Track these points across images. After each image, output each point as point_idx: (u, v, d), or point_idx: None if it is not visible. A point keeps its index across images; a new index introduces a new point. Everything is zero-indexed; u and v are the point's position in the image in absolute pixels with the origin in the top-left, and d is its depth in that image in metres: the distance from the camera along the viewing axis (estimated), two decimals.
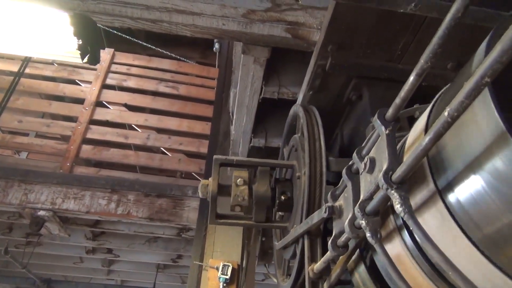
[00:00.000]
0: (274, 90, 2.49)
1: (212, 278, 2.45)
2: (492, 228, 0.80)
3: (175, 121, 4.87)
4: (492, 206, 0.78)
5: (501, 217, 0.78)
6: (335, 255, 1.24)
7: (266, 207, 2.01)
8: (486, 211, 0.80)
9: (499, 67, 0.58)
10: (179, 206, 4.04)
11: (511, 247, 0.79)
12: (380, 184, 0.88)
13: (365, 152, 1.12)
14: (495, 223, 0.79)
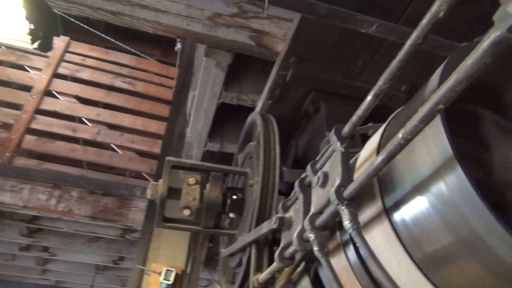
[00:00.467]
0: (233, 96, 2.48)
1: (153, 283, 2.37)
2: (432, 248, 0.83)
3: (129, 118, 4.71)
4: (434, 227, 0.81)
5: (441, 238, 0.81)
6: (281, 266, 1.24)
7: (215, 213, 1.98)
8: (428, 231, 0.83)
9: (453, 95, 0.60)
10: (125, 206, 3.90)
11: (447, 267, 0.82)
12: (332, 199, 0.89)
13: (319, 166, 1.13)
14: (435, 243, 0.82)
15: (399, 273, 0.89)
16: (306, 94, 2.22)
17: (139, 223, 3.78)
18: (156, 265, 2.48)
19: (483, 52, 0.54)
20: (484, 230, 0.72)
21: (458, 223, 0.76)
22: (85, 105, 4.67)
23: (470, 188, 0.72)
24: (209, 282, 5.43)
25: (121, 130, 4.62)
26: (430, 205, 0.82)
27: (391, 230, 0.89)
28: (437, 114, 0.64)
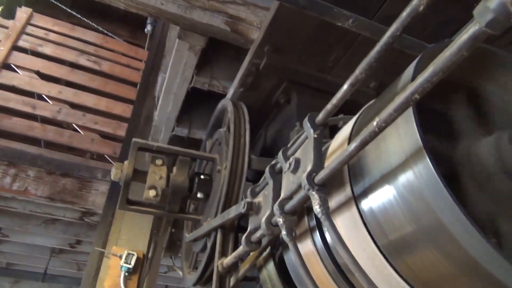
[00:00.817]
0: (205, 81, 2.45)
1: (113, 266, 2.32)
2: (397, 235, 0.87)
3: (93, 98, 4.55)
4: (399, 215, 0.85)
5: (406, 226, 0.84)
6: (248, 250, 1.25)
7: (181, 197, 1.96)
8: (394, 219, 0.86)
9: (429, 86, 0.62)
10: (85, 189, 3.78)
11: (410, 254, 0.85)
12: (303, 185, 0.91)
13: (291, 152, 1.14)
14: (400, 231, 0.86)
15: (364, 258, 0.92)
16: (278, 84, 2.23)
17: (99, 207, 3.68)
18: (116, 248, 2.43)
19: (461, 45, 0.57)
20: (448, 219, 0.75)
21: (423, 211, 0.80)
22: (46, 81, 4.45)
23: (437, 178, 0.75)
24: (169, 268, 5.39)
25: (84, 110, 4.45)
26: (397, 193, 0.85)
27: (358, 216, 0.92)
28: (412, 103, 0.66)
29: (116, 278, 2.27)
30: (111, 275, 2.28)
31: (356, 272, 0.82)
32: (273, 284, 1.42)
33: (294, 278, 1.26)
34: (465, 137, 1.10)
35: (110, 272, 2.29)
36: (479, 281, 0.79)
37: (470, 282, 0.80)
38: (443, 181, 0.75)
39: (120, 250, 2.39)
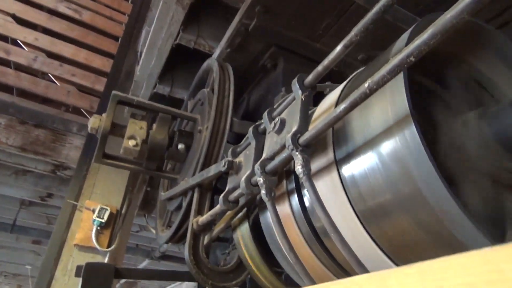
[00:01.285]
0: (191, 39, 2.37)
1: (86, 219, 2.29)
2: (375, 202, 0.88)
3: (71, 48, 4.35)
4: (380, 182, 0.85)
5: (385, 193, 0.85)
6: (225, 209, 1.25)
7: (160, 155, 1.93)
8: (374, 186, 0.87)
9: (425, 49, 0.61)
10: (59, 141, 3.68)
11: (386, 221, 0.87)
12: (287, 145, 0.90)
13: (276, 113, 1.13)
14: (378, 198, 0.87)
15: (340, 222, 0.93)
16: (266, 48, 2.18)
17: (72, 161, 3.60)
18: (90, 202, 2.39)
19: (464, 6, 0.55)
20: (427, 188, 0.76)
21: (404, 179, 0.81)
22: (22, 26, 4.22)
23: (421, 146, 0.76)
24: (141, 228, 5.41)
25: (61, 60, 4.26)
26: (379, 160, 0.86)
27: (339, 180, 0.93)
28: (407, 66, 0.65)
29: (88, 231, 2.26)
30: (83, 228, 2.26)
31: (332, 233, 0.83)
32: (246, 245, 1.43)
33: (268, 239, 1.28)
34: (449, 112, 1.11)
35: (82, 225, 2.27)
36: (449, 250, 0.81)
37: (441, 250, 0.82)
38: (427, 149, 0.75)
39: (93, 204, 2.36)
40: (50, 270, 2.20)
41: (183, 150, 1.93)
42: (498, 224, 1.03)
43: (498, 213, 1.04)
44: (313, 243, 1.10)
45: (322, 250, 1.08)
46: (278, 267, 1.41)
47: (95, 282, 1.79)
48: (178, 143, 1.92)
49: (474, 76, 1.19)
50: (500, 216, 1.05)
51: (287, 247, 0.96)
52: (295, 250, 0.99)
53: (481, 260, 0.23)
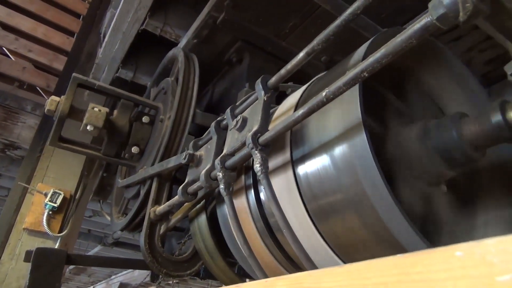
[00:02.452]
0: (157, 26, 2.34)
1: (37, 203, 2.22)
2: (325, 201, 0.94)
3: (29, 22, 4.13)
4: (331, 183, 0.91)
5: (334, 193, 0.91)
6: (183, 200, 1.28)
7: (119, 141, 1.91)
8: (325, 186, 0.93)
9: (378, 66, 0.67)
10: (11, 120, 3.52)
11: (335, 219, 0.93)
12: (247, 143, 0.94)
13: (238, 111, 1.16)
14: (328, 197, 0.93)
15: (293, 219, 0.99)
16: (233, 42, 2.20)
17: (24, 141, 3.45)
18: (42, 185, 2.32)
19: (412, 33, 0.61)
20: (372, 190, 0.83)
21: (352, 181, 0.87)
22: None
23: (369, 153, 0.82)
24: (94, 213, 5.29)
25: (18, 34, 4.05)
26: (331, 162, 0.92)
27: (293, 180, 0.98)
28: (361, 80, 0.71)
29: (39, 215, 2.19)
30: (34, 211, 2.19)
31: (284, 229, 0.88)
32: (203, 236, 1.47)
33: (223, 232, 1.32)
34: (399, 120, 1.20)
35: (33, 209, 2.20)
36: (389, 249, 0.89)
37: (382, 249, 0.90)
38: (374, 157, 0.82)
39: (46, 187, 2.29)
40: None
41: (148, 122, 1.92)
42: (429, 222, 1.13)
43: (430, 213, 1.15)
44: (267, 238, 1.15)
45: (275, 245, 1.14)
46: (232, 258, 1.46)
47: (46, 267, 1.75)
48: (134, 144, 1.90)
49: (426, 90, 1.29)
50: (432, 215, 1.15)
51: (241, 240, 1.00)
52: (249, 243, 1.04)
53: (393, 265, 0.28)
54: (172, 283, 3.15)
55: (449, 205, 1.19)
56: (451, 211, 1.19)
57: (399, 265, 0.28)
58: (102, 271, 8.67)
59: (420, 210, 1.10)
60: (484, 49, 2.70)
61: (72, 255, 1.95)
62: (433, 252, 0.26)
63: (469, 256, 0.24)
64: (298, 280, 0.38)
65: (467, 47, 2.57)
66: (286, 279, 0.41)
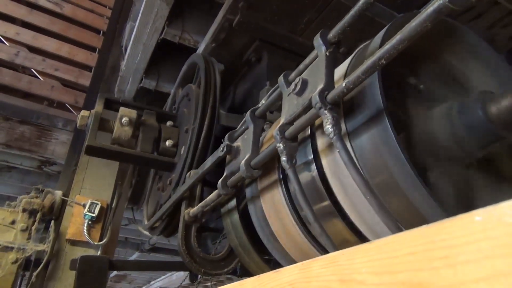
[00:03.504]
0: (176, 34, 2.40)
1: (77, 214, 2.33)
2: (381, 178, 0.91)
3: (54, 43, 4.30)
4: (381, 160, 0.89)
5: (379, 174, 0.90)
6: (223, 193, 1.28)
7: (153, 137, 1.95)
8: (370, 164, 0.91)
9: (395, 52, 0.68)
10: (45, 137, 3.68)
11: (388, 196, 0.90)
12: (314, 103, 0.86)
13: (293, 76, 1.09)
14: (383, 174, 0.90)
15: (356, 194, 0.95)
16: (250, 42, 2.24)
17: (59, 156, 3.60)
18: (80, 197, 2.43)
19: (426, 16, 0.62)
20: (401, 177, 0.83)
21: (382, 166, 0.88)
22: (2, 21, 4.16)
23: (393, 139, 0.83)
24: (130, 221, 5.43)
25: (44, 55, 4.22)
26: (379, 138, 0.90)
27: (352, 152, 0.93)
28: (379, 68, 0.72)
29: (80, 226, 2.30)
30: (74, 223, 2.30)
31: (367, 196, 0.83)
32: (237, 233, 1.50)
33: (257, 227, 1.34)
34: (421, 102, 1.19)
35: (73, 220, 2.31)
36: None
37: None
38: (399, 142, 0.83)
39: (84, 199, 2.40)
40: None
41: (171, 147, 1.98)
42: (467, 205, 1.12)
43: (467, 195, 1.14)
44: (305, 229, 1.16)
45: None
46: (266, 255, 1.49)
47: (90, 274, 1.84)
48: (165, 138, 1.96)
49: (448, 70, 1.28)
50: (469, 197, 1.14)
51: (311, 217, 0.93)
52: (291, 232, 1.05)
53: (419, 235, 0.30)
54: (211, 284, 3.21)
55: (482, 185, 1.18)
56: (484, 191, 1.18)
57: (425, 235, 0.30)
58: (142, 277, 8.90)
59: (452, 193, 1.10)
60: (507, 24, 2.62)
61: (114, 261, 2.03)
62: (455, 219, 0.28)
63: (488, 219, 0.26)
64: (333, 260, 0.40)
65: (488, 24, 2.50)
66: (321, 260, 0.43)
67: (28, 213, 2.20)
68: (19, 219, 2.18)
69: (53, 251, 2.25)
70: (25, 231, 2.18)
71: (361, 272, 0.35)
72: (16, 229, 2.16)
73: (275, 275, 0.52)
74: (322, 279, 0.40)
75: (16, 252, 2.11)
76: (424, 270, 0.28)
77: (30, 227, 2.19)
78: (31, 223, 2.20)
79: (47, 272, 2.25)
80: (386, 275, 0.32)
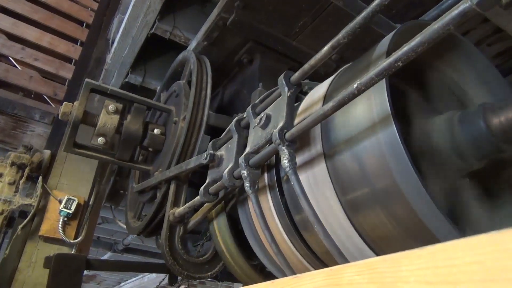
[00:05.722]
0: (167, 29, 2.34)
1: (52, 210, 2.22)
2: (359, 193, 0.92)
3: (34, 32, 4.14)
4: (361, 175, 0.90)
5: (364, 186, 0.90)
6: (205, 200, 1.27)
7: (133, 146, 1.91)
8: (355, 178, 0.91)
9: (413, 55, 0.66)
10: (20, 128, 3.52)
11: (367, 212, 0.91)
12: (273, 139, 0.93)
13: (260, 109, 1.16)
14: (362, 189, 0.91)
15: (324, 214, 0.97)
16: (243, 43, 2.20)
17: None
18: (56, 192, 2.32)
19: (450, 19, 0.61)
20: (404, 182, 0.82)
21: (382, 173, 0.86)
22: None
23: (399, 143, 0.81)
24: (103, 219, 5.28)
25: (23, 43, 4.06)
26: (360, 155, 0.91)
27: (327, 173, 0.96)
28: (394, 70, 0.70)
29: (54, 222, 2.19)
30: (49, 219, 2.19)
31: (315, 224, 0.87)
32: (223, 237, 1.46)
33: (246, 232, 1.31)
34: (420, 114, 1.19)
35: (48, 215, 2.20)
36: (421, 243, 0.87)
37: (414, 243, 0.88)
38: (405, 146, 0.81)
39: (60, 194, 2.29)
40: (13, 261, 2.15)
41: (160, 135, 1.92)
42: (454, 214, 1.12)
43: (456, 206, 1.14)
44: (292, 236, 1.14)
45: (301, 243, 1.12)
46: (253, 260, 1.45)
47: (65, 273, 1.74)
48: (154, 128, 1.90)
49: (446, 83, 1.28)
50: (458, 207, 1.14)
51: (269, 238, 0.99)
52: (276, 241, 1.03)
53: (487, 241, 0.27)
54: (188, 286, 3.14)
55: (474, 198, 1.18)
56: (476, 203, 1.18)
57: (495, 241, 0.27)
58: (112, 278, 8.67)
59: (445, 203, 1.09)
60: (492, 42, 2.69)
61: (91, 260, 1.94)
62: None
63: None
64: (371, 266, 0.37)
65: (475, 41, 2.56)
66: (356, 266, 0.40)
67: (17, 167, 2.24)
68: (6, 172, 2.21)
69: (39, 207, 2.26)
70: (12, 184, 2.22)
71: (408, 281, 0.32)
72: (3, 182, 2.20)
73: (294, 281, 0.49)
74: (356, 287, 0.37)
75: (3, 204, 2.15)
76: (496, 281, 0.25)
77: (17, 181, 2.23)
78: (18, 177, 2.24)
79: (31, 227, 2.27)
80: (442, 286, 0.29)
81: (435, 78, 1.30)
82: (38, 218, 2.27)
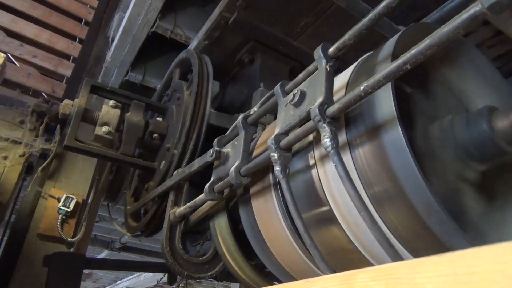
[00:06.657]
0: (168, 28, 2.33)
1: (50, 207, 2.21)
2: (379, 188, 0.89)
3: (33, 28, 4.13)
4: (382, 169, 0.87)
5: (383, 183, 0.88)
6: (209, 199, 1.25)
7: (137, 138, 1.88)
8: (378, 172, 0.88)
9: (421, 58, 0.66)
10: None
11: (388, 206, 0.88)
12: (313, 116, 0.86)
13: (290, 86, 1.08)
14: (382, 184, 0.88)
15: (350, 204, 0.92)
16: (244, 42, 2.19)
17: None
18: (55, 190, 2.31)
19: (460, 23, 0.60)
20: (409, 187, 0.81)
21: (388, 175, 0.86)
22: None
23: (405, 146, 0.81)
24: (100, 218, 5.26)
25: (22, 40, 4.04)
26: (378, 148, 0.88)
27: (352, 163, 0.92)
28: (402, 73, 0.70)
29: (53, 220, 2.18)
30: (48, 216, 2.18)
31: (361, 211, 0.81)
32: (224, 237, 1.45)
33: (248, 232, 1.29)
34: (423, 117, 1.19)
35: (46, 213, 2.19)
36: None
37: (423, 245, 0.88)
38: (410, 147, 0.81)
39: (59, 192, 2.28)
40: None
41: (157, 139, 1.91)
42: (457, 217, 1.12)
43: (459, 208, 1.14)
44: (295, 237, 1.13)
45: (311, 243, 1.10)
46: (252, 260, 1.44)
47: (64, 272, 1.73)
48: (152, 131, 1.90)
49: (447, 85, 1.28)
50: (461, 210, 1.14)
51: (302, 228, 0.92)
52: (279, 243, 1.02)
53: (511, 250, 0.27)
54: (186, 285, 3.13)
55: (478, 200, 1.18)
56: (480, 205, 1.18)
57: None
58: (108, 277, 8.64)
59: (449, 206, 1.09)
60: (493, 45, 2.69)
61: (90, 258, 1.93)
62: None
63: None
64: (387, 271, 0.37)
65: (476, 43, 2.56)
66: (371, 271, 0.39)
67: (37, 115, 2.38)
68: (27, 119, 2.39)
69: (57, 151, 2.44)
70: (33, 131, 2.40)
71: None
72: (25, 128, 2.38)
73: (306, 285, 0.48)
74: None
75: (24, 147, 2.34)
76: None
77: (38, 128, 2.41)
78: (38, 124, 2.41)
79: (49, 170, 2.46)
80: None
81: (438, 82, 1.30)
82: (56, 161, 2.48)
